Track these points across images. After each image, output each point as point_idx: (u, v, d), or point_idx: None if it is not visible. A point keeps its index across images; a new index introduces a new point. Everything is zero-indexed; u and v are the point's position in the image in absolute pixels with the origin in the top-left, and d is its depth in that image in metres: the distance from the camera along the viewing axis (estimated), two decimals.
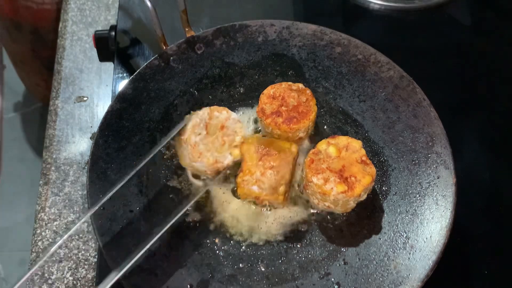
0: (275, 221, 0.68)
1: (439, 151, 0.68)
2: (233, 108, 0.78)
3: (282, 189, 0.66)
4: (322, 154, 0.66)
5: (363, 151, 0.67)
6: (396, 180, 0.70)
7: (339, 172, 0.65)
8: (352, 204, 0.66)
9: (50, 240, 0.73)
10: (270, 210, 0.69)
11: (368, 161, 0.66)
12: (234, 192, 0.70)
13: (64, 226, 0.74)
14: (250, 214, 0.69)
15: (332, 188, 0.63)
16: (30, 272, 0.58)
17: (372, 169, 0.65)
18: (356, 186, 0.63)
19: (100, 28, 0.97)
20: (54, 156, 0.81)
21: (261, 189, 0.67)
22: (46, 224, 0.75)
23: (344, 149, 0.67)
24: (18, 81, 1.72)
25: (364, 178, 0.64)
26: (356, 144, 0.67)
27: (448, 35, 0.93)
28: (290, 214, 0.68)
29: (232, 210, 0.69)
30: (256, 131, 0.75)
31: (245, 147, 0.70)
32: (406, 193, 0.68)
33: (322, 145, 0.68)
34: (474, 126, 0.82)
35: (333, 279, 0.63)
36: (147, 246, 0.60)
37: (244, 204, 0.69)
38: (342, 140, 0.68)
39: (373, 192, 0.69)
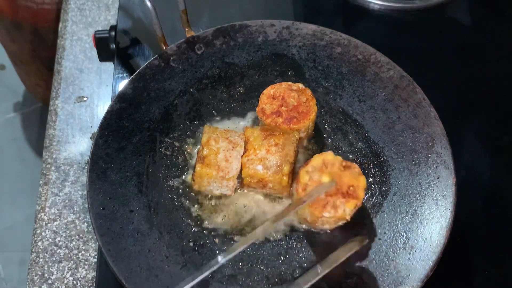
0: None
1: (439, 151, 0.68)
2: (233, 108, 0.78)
3: (286, 168, 0.66)
4: (312, 185, 0.63)
5: (338, 158, 0.65)
6: (396, 180, 0.70)
7: (338, 191, 0.62)
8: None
9: (50, 240, 0.73)
10: (273, 198, 0.69)
11: (348, 163, 0.64)
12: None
13: (64, 226, 0.74)
14: (251, 213, 0.69)
15: (344, 210, 0.62)
16: None
17: (356, 167, 0.64)
18: (358, 193, 0.62)
19: (100, 28, 0.97)
20: (54, 156, 0.81)
21: (266, 169, 0.66)
22: (46, 224, 0.75)
23: (324, 167, 0.64)
24: (18, 81, 1.72)
25: (359, 181, 0.63)
26: (328, 157, 0.65)
27: (448, 35, 0.93)
28: (290, 214, 0.68)
29: (233, 209, 0.69)
30: None
31: (249, 130, 0.70)
32: (406, 193, 0.68)
33: (304, 177, 0.64)
34: (474, 126, 0.82)
35: (333, 279, 0.63)
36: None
37: (245, 202, 0.69)
38: (317, 161, 0.64)
39: (373, 192, 0.69)
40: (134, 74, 0.76)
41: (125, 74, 0.85)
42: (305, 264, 0.65)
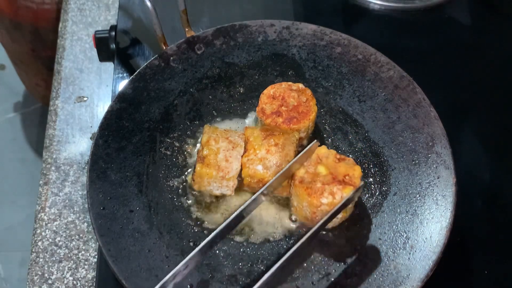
0: (275, 221, 0.68)
1: (439, 151, 0.68)
2: (233, 108, 0.78)
3: None
4: (308, 177, 0.65)
5: (332, 151, 0.66)
6: (396, 180, 0.70)
7: (334, 179, 0.64)
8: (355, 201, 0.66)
9: (50, 240, 0.73)
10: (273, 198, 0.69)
11: (343, 156, 0.66)
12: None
13: (64, 226, 0.74)
14: (251, 213, 0.69)
15: (341, 196, 0.63)
16: None
17: (350, 159, 0.66)
18: (355, 181, 0.63)
19: (100, 28, 0.97)
20: (54, 156, 0.81)
21: (266, 169, 0.66)
22: (46, 224, 0.75)
23: (319, 160, 0.66)
24: (18, 81, 1.72)
25: (355, 170, 0.64)
26: (322, 150, 0.66)
27: (448, 35, 0.93)
28: (290, 214, 0.68)
29: (233, 209, 0.69)
30: None
31: (249, 130, 0.70)
32: (406, 193, 0.68)
33: (300, 171, 0.65)
34: (474, 126, 0.82)
35: (333, 279, 0.63)
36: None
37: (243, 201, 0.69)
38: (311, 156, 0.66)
39: (373, 192, 0.69)
40: (134, 74, 0.76)
41: (125, 74, 0.85)
42: (305, 264, 0.65)
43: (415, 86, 0.73)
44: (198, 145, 0.74)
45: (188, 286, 0.63)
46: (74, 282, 0.70)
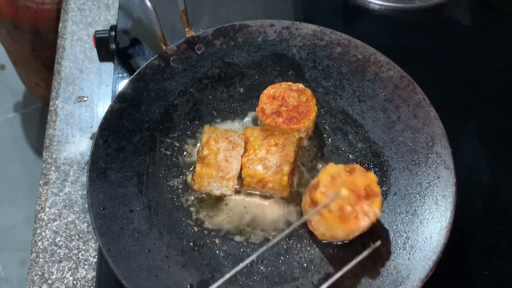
0: (275, 220, 0.68)
1: (439, 151, 0.68)
2: (233, 108, 0.78)
3: (286, 168, 0.66)
4: (334, 203, 0.61)
5: (340, 166, 0.64)
6: (396, 180, 0.70)
7: (359, 197, 0.61)
8: None
9: (50, 240, 0.73)
10: (273, 198, 0.69)
11: (350, 166, 0.64)
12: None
13: (64, 226, 0.74)
14: (251, 214, 0.69)
15: (374, 211, 0.61)
16: None
17: (358, 166, 0.64)
18: (375, 189, 0.62)
19: (100, 28, 0.97)
20: (54, 156, 0.81)
21: (266, 169, 0.66)
22: (46, 224, 0.75)
23: (333, 181, 0.63)
24: (18, 81, 1.72)
25: (370, 178, 0.63)
26: (332, 169, 0.64)
27: (448, 35, 0.93)
28: (290, 214, 0.68)
29: (233, 209, 0.69)
30: None
31: (249, 130, 0.70)
32: (406, 193, 0.68)
33: (323, 199, 0.61)
34: (474, 126, 0.82)
35: (333, 279, 0.63)
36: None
37: (245, 203, 0.69)
38: (325, 178, 0.63)
39: None
40: (134, 74, 0.76)
41: (125, 74, 0.85)
42: (305, 264, 0.65)
43: (415, 86, 0.73)
44: (198, 145, 0.74)
45: (188, 286, 0.63)
46: (74, 282, 0.70)
